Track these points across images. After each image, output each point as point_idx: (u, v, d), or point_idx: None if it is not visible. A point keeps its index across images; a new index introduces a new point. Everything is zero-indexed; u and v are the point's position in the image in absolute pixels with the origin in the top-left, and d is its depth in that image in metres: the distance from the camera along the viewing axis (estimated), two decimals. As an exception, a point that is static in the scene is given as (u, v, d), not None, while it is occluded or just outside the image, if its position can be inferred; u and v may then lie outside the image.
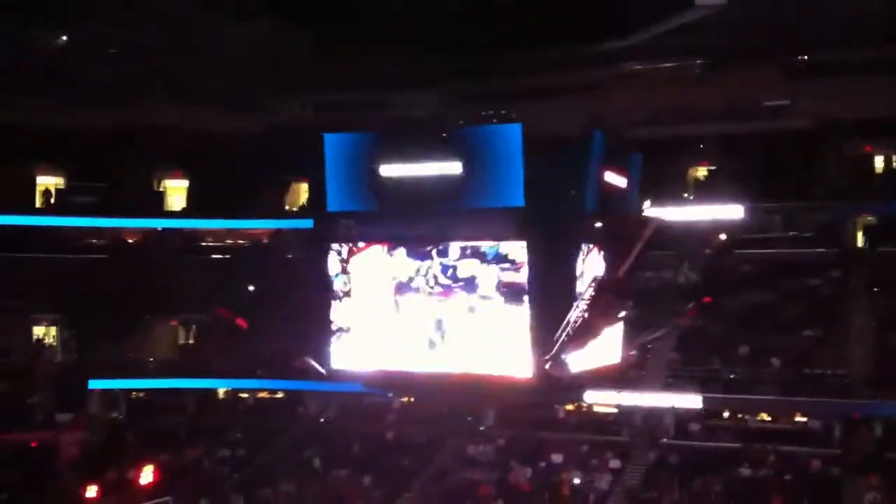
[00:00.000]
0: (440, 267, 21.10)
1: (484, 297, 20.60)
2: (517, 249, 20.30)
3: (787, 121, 38.35)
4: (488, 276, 20.59)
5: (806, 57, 32.74)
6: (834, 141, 39.66)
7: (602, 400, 35.22)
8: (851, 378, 34.57)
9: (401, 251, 21.52)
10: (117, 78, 36.46)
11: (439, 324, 21.29)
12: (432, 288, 21.21)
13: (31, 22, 30.59)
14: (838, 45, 29.72)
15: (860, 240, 40.69)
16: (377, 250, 21.83)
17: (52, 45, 32.78)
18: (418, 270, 21.30)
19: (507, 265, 20.46)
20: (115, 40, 32.27)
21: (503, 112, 20.65)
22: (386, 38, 28.77)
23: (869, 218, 40.78)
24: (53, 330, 43.58)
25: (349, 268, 22.11)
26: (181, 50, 31.87)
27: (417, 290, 21.37)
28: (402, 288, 21.52)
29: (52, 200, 45.02)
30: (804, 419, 36.43)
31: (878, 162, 41.16)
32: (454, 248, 20.93)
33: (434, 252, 21.14)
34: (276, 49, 31.09)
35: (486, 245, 20.62)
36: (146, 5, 28.75)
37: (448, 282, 21.05)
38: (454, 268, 20.99)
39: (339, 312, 22.29)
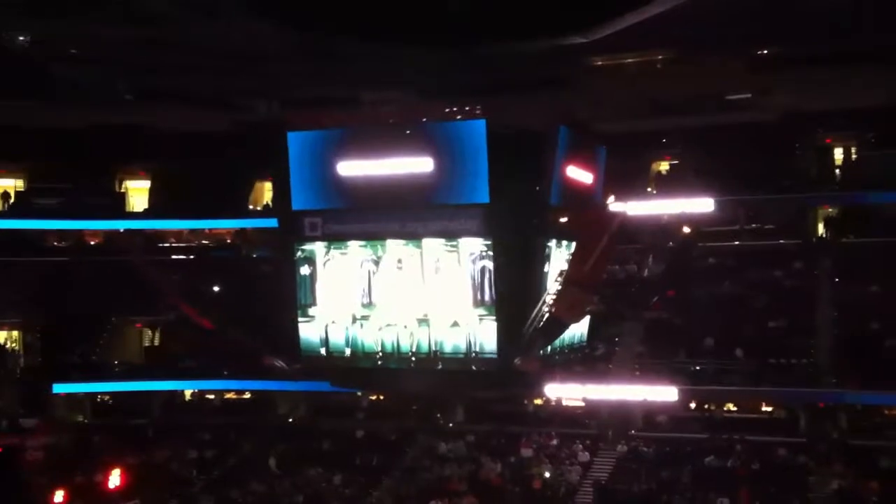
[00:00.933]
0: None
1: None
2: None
3: (750, 114, 38.64)
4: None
5: (769, 50, 33.03)
6: (795, 134, 40.02)
7: (571, 394, 35.27)
8: (816, 367, 34.96)
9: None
10: (83, 77, 35.85)
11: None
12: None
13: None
14: (802, 37, 29.99)
15: (821, 231, 41.16)
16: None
17: (14, 44, 32.06)
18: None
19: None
20: (83, 39, 31.68)
21: (467, 108, 20.57)
22: (355, 32, 28.67)
23: (830, 209, 41.29)
24: (16, 334, 42.96)
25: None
26: (157, 49, 31.39)
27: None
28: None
29: (12, 202, 44.36)
30: (770, 409, 36.84)
31: (838, 154, 41.61)
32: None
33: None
34: (253, 47, 30.75)
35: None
36: (123, 4, 28.22)
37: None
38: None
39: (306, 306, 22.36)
